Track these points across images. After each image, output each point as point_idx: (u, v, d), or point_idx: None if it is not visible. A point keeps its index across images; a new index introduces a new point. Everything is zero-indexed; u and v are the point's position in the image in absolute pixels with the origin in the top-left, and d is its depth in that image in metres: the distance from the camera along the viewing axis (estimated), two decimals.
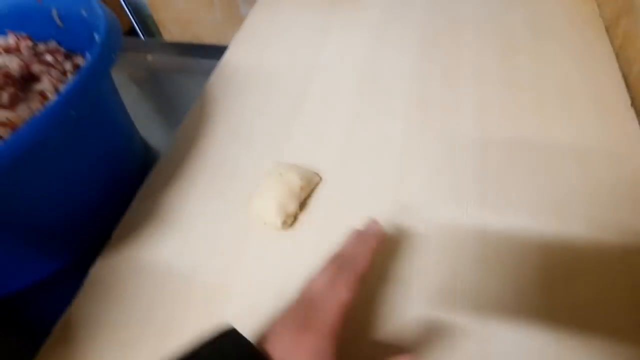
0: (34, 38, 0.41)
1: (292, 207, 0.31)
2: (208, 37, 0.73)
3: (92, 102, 0.29)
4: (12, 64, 0.38)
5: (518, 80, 0.41)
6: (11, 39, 0.40)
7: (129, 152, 0.40)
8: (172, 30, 0.74)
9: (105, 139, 0.36)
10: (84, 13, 0.37)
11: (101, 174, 0.35)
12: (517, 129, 0.37)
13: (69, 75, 0.39)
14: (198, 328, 0.28)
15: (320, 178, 0.34)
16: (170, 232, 0.34)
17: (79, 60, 0.41)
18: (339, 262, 0.23)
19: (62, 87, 0.38)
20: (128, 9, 0.76)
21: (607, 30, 0.45)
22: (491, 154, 0.35)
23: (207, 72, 0.61)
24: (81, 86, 0.26)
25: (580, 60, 0.42)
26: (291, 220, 0.31)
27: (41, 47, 0.41)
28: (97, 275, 0.32)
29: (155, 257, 0.32)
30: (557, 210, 0.31)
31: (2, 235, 0.29)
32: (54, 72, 0.39)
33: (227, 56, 0.50)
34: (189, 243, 0.33)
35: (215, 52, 0.73)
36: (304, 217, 0.32)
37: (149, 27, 0.81)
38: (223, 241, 0.32)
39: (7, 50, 0.39)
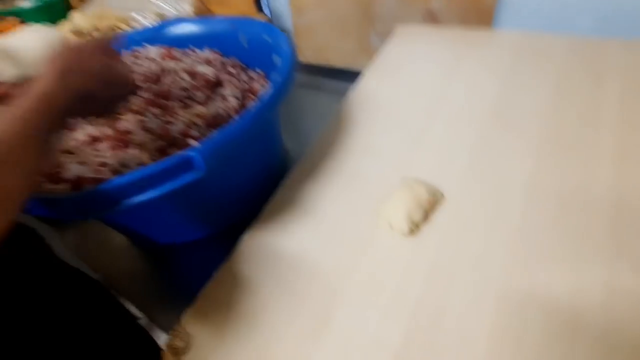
0: (223, 54, 0.53)
1: (418, 216, 0.35)
2: (337, 61, 0.82)
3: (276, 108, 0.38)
4: (209, 72, 0.49)
5: None
6: (208, 54, 0.53)
7: (279, 151, 0.49)
8: (307, 54, 0.85)
9: (270, 139, 0.45)
10: (266, 38, 0.47)
11: (261, 166, 0.44)
12: None
13: (244, 85, 0.50)
14: (322, 305, 0.33)
15: (444, 196, 0.38)
16: (305, 219, 0.40)
17: (253, 74, 0.52)
18: None
19: (238, 93, 0.48)
20: None
21: None
22: (629, 206, 0.33)
23: (334, 91, 0.69)
24: (275, 94, 0.35)
25: None
26: (415, 228, 0.35)
27: (227, 61, 0.53)
28: (246, 242, 0.39)
29: (292, 237, 0.39)
30: None
31: (186, 204, 0.39)
32: (234, 80, 0.50)
33: (363, 81, 0.56)
34: (321, 232, 0.38)
35: (344, 74, 0.82)
36: (425, 228, 0.36)
37: None
38: (350, 235, 0.37)
39: (206, 62, 0.51)
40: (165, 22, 0.55)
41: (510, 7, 0.62)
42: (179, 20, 0.55)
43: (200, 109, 0.45)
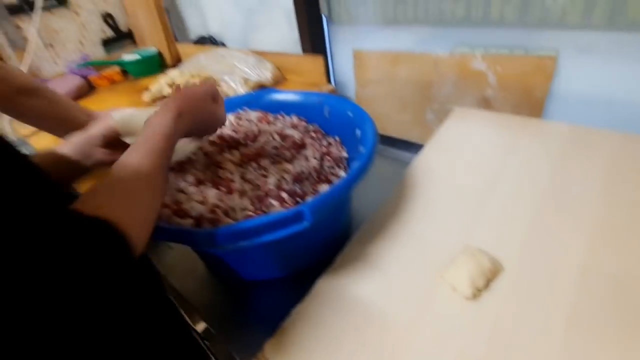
0: (307, 121, 0.63)
1: (481, 283, 0.39)
2: (393, 131, 0.92)
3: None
4: (295, 135, 0.59)
5: None
6: (295, 120, 0.63)
7: (349, 209, 0.56)
8: None
9: (347, 201, 0.52)
10: (349, 113, 0.56)
11: (337, 222, 0.51)
12: None
13: (324, 148, 0.59)
14: (390, 356, 0.36)
15: (503, 267, 0.42)
16: (372, 273, 0.45)
17: (331, 140, 0.60)
18: None
19: (318, 155, 0.57)
20: None
21: None
22: None
23: (389, 157, 0.77)
24: (365, 165, 0.42)
25: None
26: (477, 294, 0.39)
27: (310, 127, 0.62)
28: (320, 287, 0.44)
29: (361, 288, 0.43)
30: None
31: (277, 249, 0.45)
32: (315, 144, 0.59)
33: (424, 154, 0.63)
34: (387, 287, 0.43)
35: (398, 143, 0.91)
36: (486, 295, 0.40)
37: None
38: (415, 293, 0.42)
39: (293, 126, 0.61)
40: (263, 91, 0.67)
41: (560, 101, 0.69)
42: (276, 90, 0.66)
43: (287, 166, 0.54)
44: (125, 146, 0.44)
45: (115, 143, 0.46)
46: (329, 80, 0.96)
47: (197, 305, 0.51)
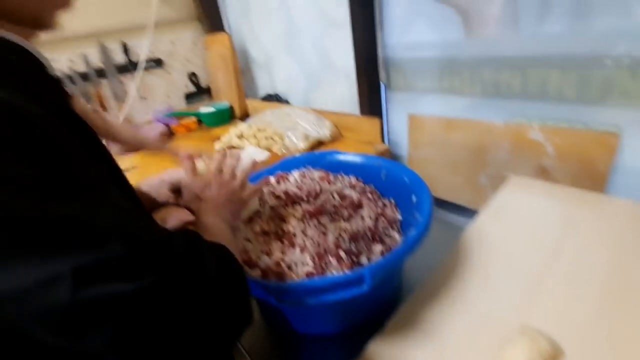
0: (364, 181, 0.68)
1: None
2: (443, 194, 0.93)
3: None
4: (354, 195, 0.63)
5: None
6: (353, 180, 0.68)
7: (402, 272, 0.58)
8: None
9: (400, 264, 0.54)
10: (405, 179, 0.60)
11: (390, 286, 0.53)
12: None
13: (379, 209, 0.62)
14: None
15: (564, 352, 0.41)
16: (424, 342, 0.46)
17: (386, 202, 0.64)
18: None
19: (374, 215, 0.60)
20: None
21: None
22: None
23: (436, 218, 0.78)
24: (422, 233, 0.45)
25: None
26: None
27: (367, 187, 0.67)
28: (373, 350, 0.46)
29: (410, 355, 0.44)
30: None
31: (335, 308, 0.48)
32: (372, 205, 0.62)
33: (478, 221, 0.64)
34: (437, 357, 0.43)
35: (447, 205, 0.91)
36: None
37: None
38: None
39: (351, 186, 0.66)
40: (326, 152, 0.74)
41: (626, 176, 0.67)
42: (337, 152, 0.72)
43: (344, 224, 0.58)
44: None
45: (179, 190, 0.60)
46: (383, 140, 1.02)
47: (248, 351, 0.54)
